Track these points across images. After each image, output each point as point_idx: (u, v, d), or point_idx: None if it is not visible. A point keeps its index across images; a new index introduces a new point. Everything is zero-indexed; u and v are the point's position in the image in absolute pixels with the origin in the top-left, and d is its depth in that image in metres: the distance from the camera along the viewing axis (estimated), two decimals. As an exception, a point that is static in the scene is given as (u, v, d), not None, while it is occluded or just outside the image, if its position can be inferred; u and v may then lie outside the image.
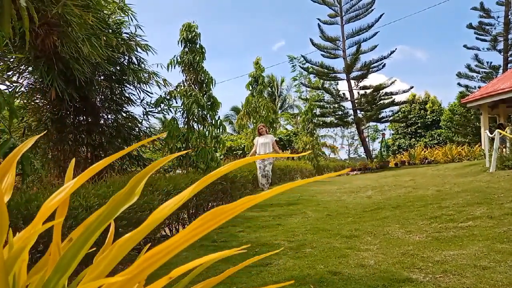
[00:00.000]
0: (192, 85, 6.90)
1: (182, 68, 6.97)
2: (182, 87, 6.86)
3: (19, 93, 6.25)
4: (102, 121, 7.27)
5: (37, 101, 6.75)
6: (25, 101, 6.58)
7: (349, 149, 47.95)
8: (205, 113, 6.84)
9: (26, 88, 6.43)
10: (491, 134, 8.24)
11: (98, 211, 0.72)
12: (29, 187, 5.48)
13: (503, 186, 5.41)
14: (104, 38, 5.44)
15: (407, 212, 4.64)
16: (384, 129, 39.88)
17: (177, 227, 5.64)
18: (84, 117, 7.01)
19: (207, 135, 6.83)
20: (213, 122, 6.94)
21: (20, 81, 6.18)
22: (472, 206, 4.41)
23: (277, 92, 37.21)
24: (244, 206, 0.57)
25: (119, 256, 0.60)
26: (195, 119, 6.83)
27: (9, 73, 5.85)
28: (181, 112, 6.81)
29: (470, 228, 3.52)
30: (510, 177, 6.17)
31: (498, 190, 5.09)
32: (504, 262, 2.55)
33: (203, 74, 6.84)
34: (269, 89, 36.82)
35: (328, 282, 2.53)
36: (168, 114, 7.12)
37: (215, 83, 6.99)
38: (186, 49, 6.93)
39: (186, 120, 6.83)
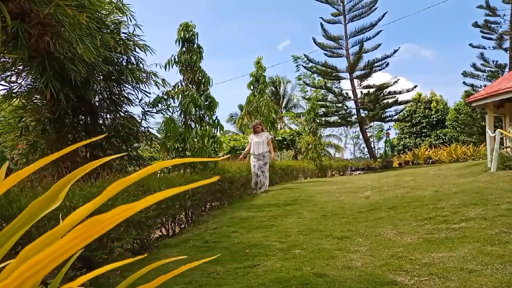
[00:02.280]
0: (190, 85, 6.89)
1: (180, 67, 6.96)
2: (180, 87, 6.85)
3: (19, 93, 6.27)
4: (101, 121, 7.27)
5: (36, 101, 6.77)
6: (24, 101, 6.60)
7: (354, 149, 47.69)
8: (203, 112, 6.82)
9: (25, 88, 6.45)
10: (493, 133, 8.15)
11: (18, 217, 0.71)
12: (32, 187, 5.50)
13: (501, 186, 5.33)
14: (100, 38, 5.44)
15: (402, 213, 4.59)
16: (389, 129, 39.65)
17: (173, 227, 5.63)
18: (83, 117, 7.02)
19: (204, 134, 6.82)
20: (211, 122, 6.93)
21: (19, 81, 6.21)
22: (468, 207, 4.36)
23: (281, 92, 37.17)
24: (121, 216, 0.54)
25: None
26: (193, 119, 6.82)
27: (7, 73, 5.88)
28: (179, 112, 6.81)
29: (462, 230, 3.47)
30: (510, 177, 6.08)
31: (496, 191, 5.02)
32: (491, 265, 2.51)
33: (200, 74, 6.83)
34: (274, 88, 36.81)
35: (312, 285, 2.51)
36: (167, 114, 7.12)
37: (212, 82, 6.98)
38: (184, 49, 6.92)
39: (183, 120, 6.82)
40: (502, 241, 3.02)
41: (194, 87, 6.95)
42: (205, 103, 6.92)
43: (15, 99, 6.37)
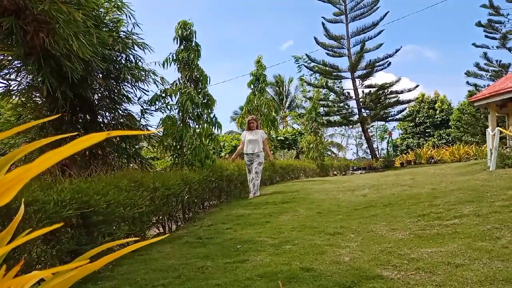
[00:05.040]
0: (187, 83, 6.90)
1: (178, 65, 6.97)
2: (177, 85, 6.87)
3: (18, 91, 6.30)
4: (100, 119, 7.29)
5: (35, 99, 6.80)
6: (23, 99, 6.64)
7: (357, 149, 47.54)
8: (200, 110, 6.83)
9: (25, 86, 6.48)
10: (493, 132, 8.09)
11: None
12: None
13: (498, 184, 5.30)
14: (97, 35, 5.46)
15: (397, 210, 4.58)
16: (393, 129, 39.55)
17: (170, 225, 5.63)
18: (82, 115, 7.05)
19: (202, 132, 6.83)
20: (209, 120, 6.94)
21: (18, 79, 6.24)
22: (463, 204, 4.33)
23: (285, 92, 37.15)
24: (23, 177, 0.54)
25: None
26: (190, 117, 6.83)
27: (6, 71, 5.91)
28: (176, 109, 6.82)
29: (455, 226, 3.45)
30: (508, 175, 6.04)
31: (492, 189, 4.99)
32: (479, 260, 2.49)
33: (198, 72, 6.84)
34: (277, 88, 36.80)
35: (298, 279, 2.50)
36: (165, 112, 7.14)
37: (210, 80, 6.99)
38: (182, 47, 6.93)
39: (181, 117, 6.83)
40: (493, 237, 3.00)
41: (192, 85, 6.96)
42: (203, 100, 6.93)
43: (14, 97, 6.40)
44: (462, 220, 3.64)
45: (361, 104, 21.82)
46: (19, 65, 5.90)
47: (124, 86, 7.25)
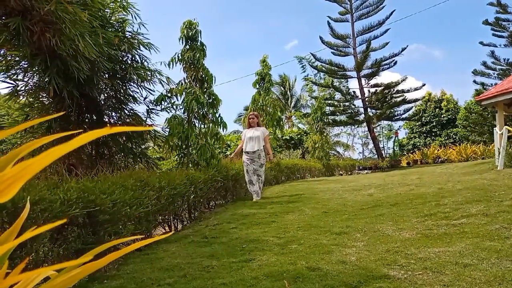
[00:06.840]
0: (193, 83, 6.91)
1: (183, 65, 6.98)
2: (183, 85, 6.88)
3: (26, 92, 6.34)
4: (106, 119, 7.32)
5: (42, 99, 6.84)
6: (31, 99, 6.68)
7: (363, 148, 47.27)
8: (206, 110, 6.83)
9: (32, 86, 6.52)
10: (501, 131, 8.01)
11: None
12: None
13: (506, 183, 5.24)
14: (103, 35, 5.48)
15: (404, 210, 4.55)
16: (399, 128, 39.29)
17: (176, 224, 5.64)
18: (88, 115, 7.09)
19: (207, 132, 6.83)
20: (214, 119, 6.94)
21: (25, 80, 6.28)
22: (470, 203, 4.29)
23: (290, 92, 37.08)
24: (26, 171, 0.53)
25: None
26: (196, 116, 6.84)
27: (13, 71, 5.95)
28: (182, 109, 6.83)
29: (462, 226, 3.42)
30: (516, 175, 5.98)
31: (500, 188, 4.94)
32: (487, 260, 2.46)
33: (203, 72, 6.84)
34: (282, 88, 36.74)
35: (304, 278, 2.49)
36: (170, 112, 7.15)
37: (215, 80, 6.99)
38: (187, 47, 6.94)
39: (187, 117, 6.84)
40: (502, 236, 2.96)
41: (197, 84, 6.97)
42: (208, 100, 6.93)
43: (21, 97, 6.45)
44: (470, 219, 3.60)
45: (367, 103, 21.72)
46: (26, 66, 5.94)
47: (130, 86, 7.27)
